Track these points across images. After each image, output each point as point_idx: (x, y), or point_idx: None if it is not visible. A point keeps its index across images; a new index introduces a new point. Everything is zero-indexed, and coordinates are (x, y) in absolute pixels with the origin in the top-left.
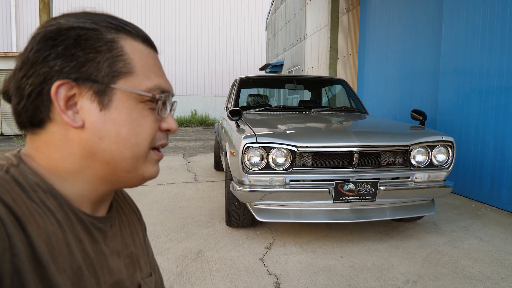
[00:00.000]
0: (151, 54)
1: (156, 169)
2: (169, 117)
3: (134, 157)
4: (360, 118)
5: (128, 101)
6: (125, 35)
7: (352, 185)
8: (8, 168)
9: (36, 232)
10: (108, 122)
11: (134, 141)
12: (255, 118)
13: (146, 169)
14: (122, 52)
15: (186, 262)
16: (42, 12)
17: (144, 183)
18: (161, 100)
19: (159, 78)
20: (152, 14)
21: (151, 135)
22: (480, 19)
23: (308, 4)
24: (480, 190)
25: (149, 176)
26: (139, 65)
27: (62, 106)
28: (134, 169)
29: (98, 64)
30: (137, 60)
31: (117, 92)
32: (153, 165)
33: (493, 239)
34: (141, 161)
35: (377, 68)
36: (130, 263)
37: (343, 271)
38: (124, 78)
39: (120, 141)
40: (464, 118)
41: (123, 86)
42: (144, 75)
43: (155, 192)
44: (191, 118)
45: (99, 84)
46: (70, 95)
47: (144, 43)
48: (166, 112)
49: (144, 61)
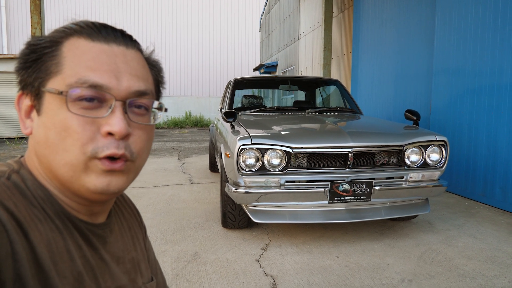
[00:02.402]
0: (94, 48)
1: (104, 180)
2: (111, 116)
3: (67, 164)
4: (354, 119)
5: (54, 102)
6: (72, 35)
7: (347, 185)
8: (9, 175)
9: (38, 238)
10: (41, 126)
11: (62, 146)
12: (249, 119)
13: (88, 180)
14: (57, 52)
15: (182, 265)
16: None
17: (133, 186)
18: (66, 96)
19: (89, 72)
20: (145, 16)
21: (78, 139)
22: (472, 20)
23: (301, 5)
24: (474, 189)
25: (93, 188)
26: (69, 62)
27: (22, 115)
28: (73, 178)
29: (37, 69)
30: (69, 58)
31: (46, 95)
32: (98, 176)
33: (487, 237)
34: (79, 170)
35: (371, 68)
36: (132, 268)
37: (339, 271)
38: (53, 78)
39: (50, 146)
40: (457, 117)
41: (48, 87)
42: (71, 72)
43: (150, 194)
44: (185, 119)
45: (33, 87)
46: (29, 105)
47: (90, 38)
48: (107, 112)
49: (78, 57)
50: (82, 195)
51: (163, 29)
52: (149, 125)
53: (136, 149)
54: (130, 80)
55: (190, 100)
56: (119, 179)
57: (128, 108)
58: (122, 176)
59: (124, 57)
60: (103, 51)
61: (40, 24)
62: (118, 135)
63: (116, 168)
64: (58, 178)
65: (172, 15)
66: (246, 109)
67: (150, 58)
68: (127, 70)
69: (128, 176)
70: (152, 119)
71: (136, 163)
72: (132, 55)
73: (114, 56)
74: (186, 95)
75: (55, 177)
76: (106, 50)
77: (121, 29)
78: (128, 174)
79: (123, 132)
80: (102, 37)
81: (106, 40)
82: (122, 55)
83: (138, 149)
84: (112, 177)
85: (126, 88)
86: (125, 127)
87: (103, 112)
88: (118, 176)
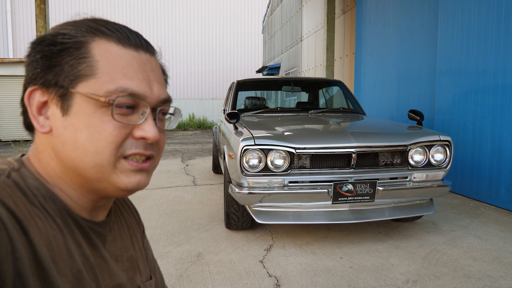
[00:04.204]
0: (126, 55)
1: (134, 180)
2: (145, 123)
3: (97, 166)
4: (357, 119)
5: (88, 105)
6: (99, 37)
7: (351, 185)
8: (9, 173)
9: (38, 236)
10: (68, 127)
11: (93, 148)
12: (253, 120)
13: (118, 180)
14: (88, 54)
15: (186, 266)
16: (39, 18)
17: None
18: (112, 104)
19: (127, 80)
20: (149, 19)
21: (113, 142)
22: (475, 20)
23: (304, 6)
24: (479, 189)
25: (124, 187)
26: (104, 67)
27: (34, 111)
28: (102, 179)
29: (63, 68)
30: (102, 62)
31: (77, 97)
32: (128, 175)
33: (492, 238)
34: (109, 171)
35: (374, 69)
36: (130, 267)
37: (343, 272)
38: (85, 81)
39: (79, 147)
40: (461, 117)
41: (82, 89)
42: (108, 78)
43: (154, 196)
44: (189, 122)
45: (61, 88)
46: (43, 101)
47: (121, 43)
48: (142, 119)
49: (113, 63)
50: (107, 192)
51: (166, 31)
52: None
53: (157, 148)
54: (160, 89)
55: (193, 102)
56: (146, 177)
57: (157, 116)
58: (148, 174)
59: (151, 65)
60: (134, 58)
61: (45, 28)
62: (152, 140)
63: (145, 167)
64: (83, 178)
65: (175, 17)
66: (249, 111)
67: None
68: (155, 78)
69: (151, 174)
70: (167, 123)
71: (156, 162)
72: (155, 62)
73: (143, 64)
74: (189, 97)
75: (78, 176)
76: (136, 57)
77: (140, 34)
78: (151, 172)
79: (156, 138)
80: (132, 43)
81: (135, 47)
82: (149, 63)
83: (159, 149)
84: (141, 175)
85: (157, 96)
86: (158, 134)
87: (136, 118)
88: (145, 175)
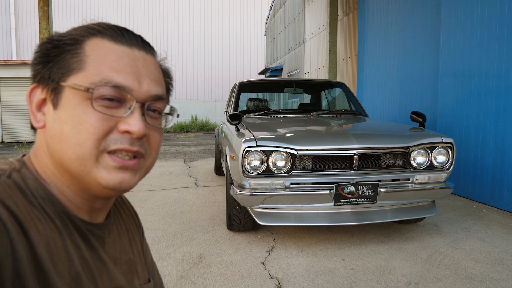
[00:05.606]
0: (118, 50)
1: (116, 177)
2: (130, 117)
3: (79, 158)
4: (359, 121)
5: (74, 98)
6: (95, 35)
7: (353, 187)
8: (10, 173)
9: (37, 238)
10: (57, 120)
11: (75, 140)
12: (255, 122)
13: (99, 175)
14: (80, 50)
15: (188, 267)
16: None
17: (139, 190)
18: (92, 93)
19: (113, 73)
20: (152, 21)
21: (94, 134)
22: (478, 21)
23: (306, 8)
24: (481, 191)
25: (105, 184)
26: (94, 61)
27: (33, 108)
28: (84, 173)
29: (58, 63)
30: (93, 57)
31: (66, 90)
32: (110, 172)
33: (495, 240)
34: (90, 164)
35: (376, 71)
36: (128, 269)
37: (344, 274)
38: (74, 74)
39: (63, 139)
40: (464, 119)
41: (71, 83)
42: (95, 70)
43: (156, 198)
44: (191, 124)
45: (53, 82)
46: (42, 98)
47: (113, 40)
48: (126, 112)
49: (102, 57)
50: (92, 190)
51: (170, 33)
52: (161, 128)
53: (149, 148)
54: (150, 84)
55: (196, 104)
56: (131, 177)
57: (145, 111)
58: (133, 174)
59: (144, 61)
60: (125, 54)
61: (48, 30)
62: (137, 134)
63: (130, 165)
64: (69, 173)
65: (178, 20)
66: (251, 112)
67: (162, 65)
68: (147, 74)
69: (139, 174)
70: (163, 123)
71: (147, 162)
72: (151, 60)
73: (135, 59)
74: (192, 99)
75: (66, 171)
76: (129, 53)
77: (140, 35)
78: (139, 172)
79: (142, 132)
80: (125, 40)
81: (129, 44)
82: (143, 60)
83: (151, 148)
84: (125, 174)
85: (146, 91)
86: (144, 128)
87: (122, 112)
88: (130, 174)
